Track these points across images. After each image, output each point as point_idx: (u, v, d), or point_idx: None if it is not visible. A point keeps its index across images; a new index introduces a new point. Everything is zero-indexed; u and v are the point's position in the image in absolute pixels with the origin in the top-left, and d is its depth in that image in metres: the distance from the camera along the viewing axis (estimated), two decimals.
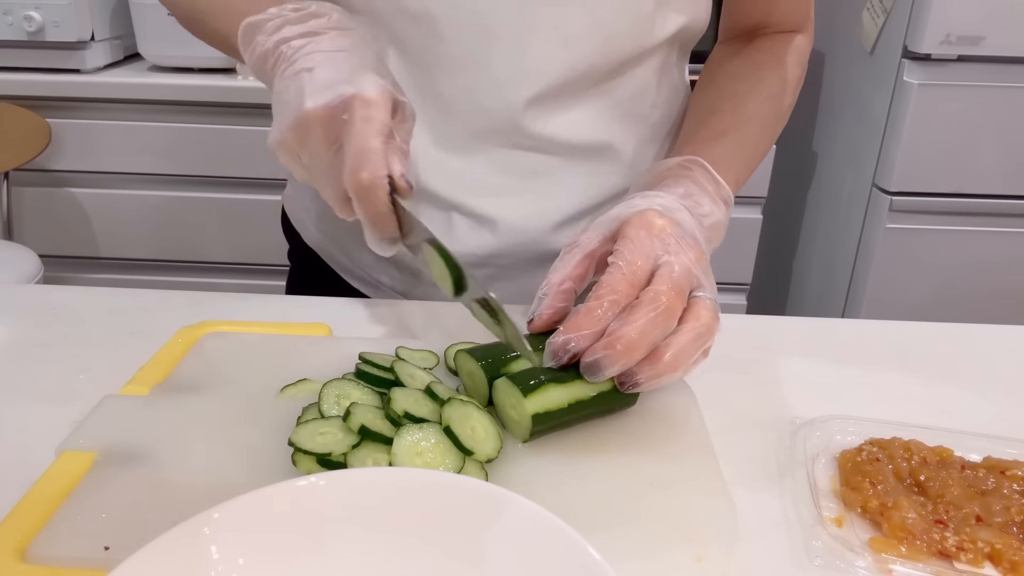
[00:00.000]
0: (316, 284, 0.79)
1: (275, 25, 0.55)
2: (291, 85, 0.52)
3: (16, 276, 1.57)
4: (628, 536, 0.41)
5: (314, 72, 0.51)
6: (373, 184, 0.49)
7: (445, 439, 0.45)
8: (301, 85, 0.51)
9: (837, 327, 0.69)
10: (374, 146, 0.49)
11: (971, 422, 0.53)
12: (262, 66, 0.56)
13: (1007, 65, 1.50)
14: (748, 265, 1.85)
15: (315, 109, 0.50)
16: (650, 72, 0.68)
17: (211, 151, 1.80)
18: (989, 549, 0.41)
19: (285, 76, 0.53)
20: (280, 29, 0.54)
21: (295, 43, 0.53)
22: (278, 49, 0.54)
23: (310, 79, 0.51)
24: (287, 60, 0.53)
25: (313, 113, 0.50)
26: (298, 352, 0.56)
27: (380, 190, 0.49)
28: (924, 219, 1.63)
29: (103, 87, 1.77)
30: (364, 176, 0.49)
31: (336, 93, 0.50)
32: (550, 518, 0.35)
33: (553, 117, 0.65)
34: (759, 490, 0.47)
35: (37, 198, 1.89)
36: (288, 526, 0.36)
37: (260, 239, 1.90)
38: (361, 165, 0.49)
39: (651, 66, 0.68)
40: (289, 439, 0.45)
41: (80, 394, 0.53)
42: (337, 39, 0.53)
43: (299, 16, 0.55)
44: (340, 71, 0.51)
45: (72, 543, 0.40)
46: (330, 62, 0.52)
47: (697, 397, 0.54)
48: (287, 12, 0.55)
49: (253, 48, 0.56)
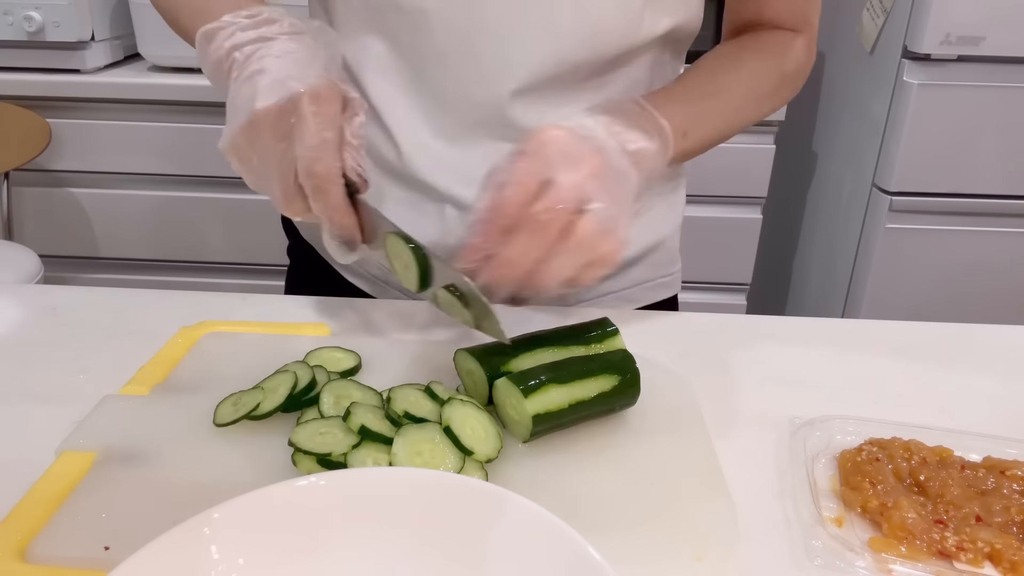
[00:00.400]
0: (315, 279, 0.79)
1: (228, 32, 0.55)
2: (243, 88, 0.53)
3: (16, 276, 1.57)
4: (628, 536, 0.42)
5: (264, 74, 0.52)
6: (328, 176, 0.50)
7: (445, 439, 0.45)
8: (253, 87, 0.52)
9: (837, 327, 0.69)
10: (327, 138, 0.50)
11: (971, 422, 0.53)
12: (217, 72, 0.56)
13: (1007, 65, 1.50)
14: (748, 265, 1.85)
15: (265, 108, 0.50)
16: (642, 70, 0.68)
17: (211, 151, 1.79)
18: (989, 549, 0.41)
19: (237, 81, 0.54)
20: (232, 35, 0.55)
21: (247, 49, 0.54)
22: (231, 56, 0.55)
23: (261, 80, 0.52)
24: (239, 66, 0.54)
25: (264, 112, 0.50)
26: (298, 352, 0.56)
27: (335, 182, 0.50)
28: (924, 219, 1.63)
29: (103, 87, 1.77)
30: (318, 168, 0.50)
31: (285, 90, 0.50)
32: (550, 518, 0.35)
33: (544, 111, 0.65)
34: (759, 490, 0.47)
35: (37, 198, 1.89)
36: (288, 526, 0.36)
37: (260, 239, 1.90)
38: (315, 158, 0.50)
39: (643, 64, 0.68)
40: (289, 439, 0.45)
41: (80, 394, 0.53)
42: (287, 43, 0.54)
43: (252, 23, 0.55)
44: (289, 70, 0.52)
45: (72, 543, 0.40)
46: (281, 63, 0.52)
47: (697, 397, 0.54)
48: (240, 19, 0.55)
49: (208, 55, 0.56)
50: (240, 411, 0.49)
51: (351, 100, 0.53)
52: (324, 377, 0.52)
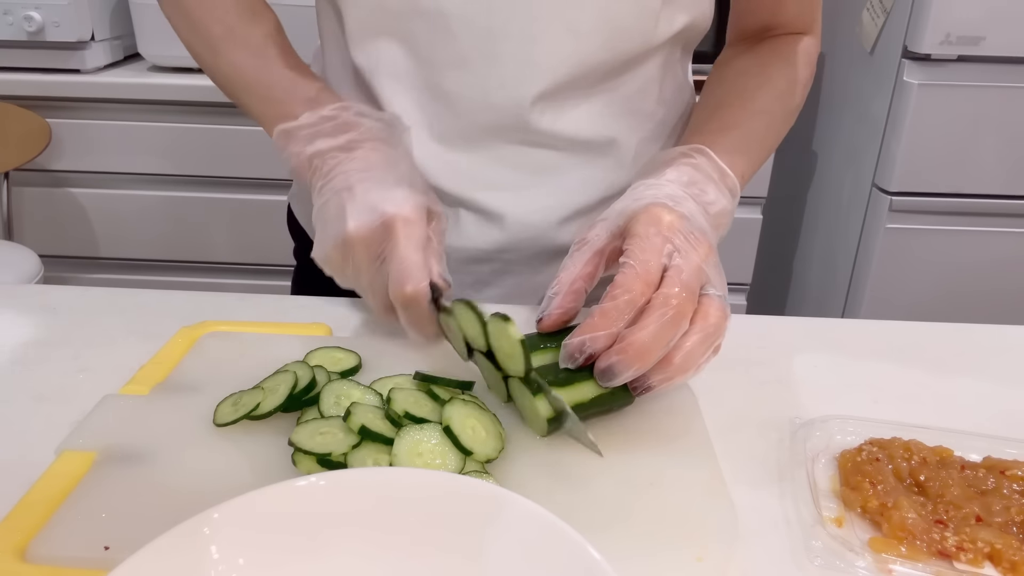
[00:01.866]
0: (322, 281, 0.79)
1: (307, 136, 0.59)
2: (331, 203, 0.56)
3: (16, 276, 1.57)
4: (628, 536, 0.41)
5: (354, 192, 0.56)
6: (416, 296, 0.53)
7: (446, 439, 0.45)
8: (342, 205, 0.55)
9: (837, 327, 0.69)
10: (416, 260, 0.53)
11: (971, 422, 0.53)
12: (300, 173, 0.60)
13: (1007, 65, 1.50)
14: (748, 265, 1.85)
15: (357, 230, 0.54)
16: (655, 69, 0.68)
17: (211, 151, 1.80)
18: (989, 549, 0.41)
19: (324, 192, 0.57)
20: (313, 141, 0.59)
21: (330, 159, 0.58)
22: (312, 163, 0.59)
23: (350, 199, 0.55)
24: (323, 175, 0.58)
25: (356, 234, 0.54)
26: (298, 352, 0.56)
27: (423, 300, 0.53)
28: (924, 219, 1.63)
29: (103, 87, 1.77)
30: (408, 290, 0.53)
31: (377, 214, 0.54)
32: (550, 518, 0.35)
33: (560, 113, 0.65)
34: (759, 490, 0.47)
35: (37, 198, 1.89)
36: (288, 526, 0.36)
37: (260, 239, 1.90)
38: (405, 280, 0.53)
39: (655, 63, 0.68)
40: (289, 439, 0.45)
41: (80, 394, 0.53)
42: (370, 154, 0.58)
43: (332, 127, 0.59)
44: (378, 191, 0.55)
45: (72, 543, 0.40)
46: (367, 182, 0.56)
47: (697, 397, 0.54)
48: (318, 122, 0.59)
49: (288, 158, 0.60)
50: (240, 411, 0.49)
51: (435, 213, 0.57)
52: (324, 377, 0.52)
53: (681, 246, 0.51)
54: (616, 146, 0.69)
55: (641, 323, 0.47)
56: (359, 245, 0.55)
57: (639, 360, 0.46)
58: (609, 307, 0.48)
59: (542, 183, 0.68)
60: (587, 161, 0.68)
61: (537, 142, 0.66)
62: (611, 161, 0.69)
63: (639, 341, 0.46)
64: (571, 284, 0.53)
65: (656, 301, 0.48)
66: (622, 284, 0.49)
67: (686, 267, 0.50)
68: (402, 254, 0.53)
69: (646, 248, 0.50)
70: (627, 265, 0.50)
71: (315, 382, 0.51)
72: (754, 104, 0.68)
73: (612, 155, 0.69)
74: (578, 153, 0.68)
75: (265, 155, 1.79)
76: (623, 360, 0.46)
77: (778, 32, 0.72)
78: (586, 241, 0.55)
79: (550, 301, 0.52)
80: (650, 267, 0.49)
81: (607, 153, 0.69)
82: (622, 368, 0.46)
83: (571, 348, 0.48)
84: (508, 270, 0.71)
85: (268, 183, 1.82)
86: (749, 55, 0.72)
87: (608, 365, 0.47)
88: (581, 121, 0.66)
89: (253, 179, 1.82)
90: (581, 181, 0.69)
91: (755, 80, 0.69)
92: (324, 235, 0.57)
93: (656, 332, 0.47)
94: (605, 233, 0.54)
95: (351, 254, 0.55)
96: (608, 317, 0.48)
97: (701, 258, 0.51)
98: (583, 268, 0.53)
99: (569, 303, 0.52)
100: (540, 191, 0.68)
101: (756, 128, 0.67)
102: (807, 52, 0.71)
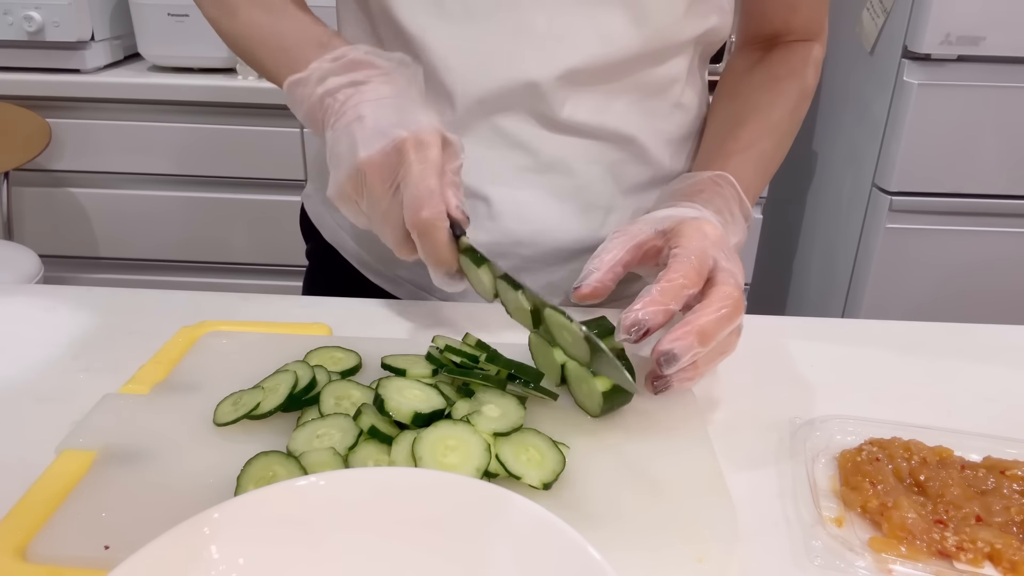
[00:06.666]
0: (335, 281, 0.79)
1: (318, 77, 0.57)
2: (343, 137, 0.55)
3: (16, 276, 1.57)
4: (628, 536, 0.41)
5: (364, 121, 0.54)
6: (433, 222, 0.52)
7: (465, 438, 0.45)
8: (352, 135, 0.54)
9: (837, 327, 0.69)
10: (432, 185, 0.52)
11: (971, 422, 0.53)
12: (311, 118, 0.59)
13: (1007, 65, 1.50)
14: (748, 265, 1.85)
15: (369, 157, 0.52)
16: (677, 71, 0.69)
17: (211, 151, 1.80)
18: (989, 549, 0.41)
19: (336, 128, 0.56)
20: (324, 81, 0.57)
21: (340, 96, 0.56)
22: (324, 102, 0.57)
23: (360, 128, 0.54)
24: (335, 112, 0.56)
25: (368, 161, 0.52)
26: (298, 352, 0.56)
27: (440, 226, 0.52)
28: (924, 219, 1.63)
29: (103, 87, 1.77)
30: (425, 215, 0.52)
31: (389, 139, 0.52)
32: (550, 518, 0.35)
33: (582, 102, 0.65)
34: (759, 490, 0.47)
35: (37, 198, 1.89)
36: (288, 526, 0.36)
37: (260, 239, 1.90)
38: (421, 205, 0.52)
39: (678, 65, 0.69)
40: (287, 447, 0.45)
41: (80, 394, 0.53)
42: (380, 86, 0.56)
43: (340, 66, 0.57)
44: (389, 117, 0.54)
45: (72, 542, 0.40)
46: (378, 109, 0.54)
47: (697, 397, 0.54)
48: (326, 64, 0.58)
49: (300, 103, 0.59)
50: (240, 411, 0.49)
51: (449, 141, 0.55)
52: (324, 377, 0.52)
53: (725, 256, 0.53)
54: (635, 144, 0.69)
55: (704, 310, 0.49)
56: (372, 173, 0.53)
57: (700, 344, 0.48)
58: (667, 287, 0.50)
59: (560, 177, 0.68)
60: (606, 156, 0.68)
61: (557, 129, 0.66)
62: (629, 158, 0.69)
63: (700, 325, 0.48)
64: (611, 265, 0.54)
65: (716, 294, 0.50)
66: (677, 269, 0.51)
67: (733, 269, 0.52)
68: (416, 179, 0.52)
69: (696, 247, 0.52)
70: (680, 255, 0.52)
71: (315, 382, 0.51)
72: (769, 122, 0.69)
73: (630, 152, 0.69)
74: (597, 146, 0.68)
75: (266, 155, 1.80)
76: (686, 343, 0.48)
77: (788, 39, 0.73)
78: (627, 232, 0.56)
79: (589, 274, 0.54)
80: (704, 261, 0.51)
81: (625, 150, 0.69)
82: (683, 350, 0.48)
83: (629, 321, 0.49)
84: (525, 266, 0.71)
85: (269, 183, 1.82)
86: (761, 69, 0.73)
87: (670, 348, 0.48)
88: (602, 113, 0.66)
89: (254, 179, 1.82)
90: (598, 176, 0.69)
91: (768, 95, 0.71)
92: (337, 170, 0.55)
93: (717, 321, 0.49)
94: (648, 229, 0.56)
95: (364, 184, 0.54)
96: (666, 295, 0.49)
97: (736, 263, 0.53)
98: (624, 255, 0.55)
99: (608, 280, 0.54)
100: (558, 185, 0.68)
101: (769, 148, 0.69)
102: (816, 62, 0.72)
